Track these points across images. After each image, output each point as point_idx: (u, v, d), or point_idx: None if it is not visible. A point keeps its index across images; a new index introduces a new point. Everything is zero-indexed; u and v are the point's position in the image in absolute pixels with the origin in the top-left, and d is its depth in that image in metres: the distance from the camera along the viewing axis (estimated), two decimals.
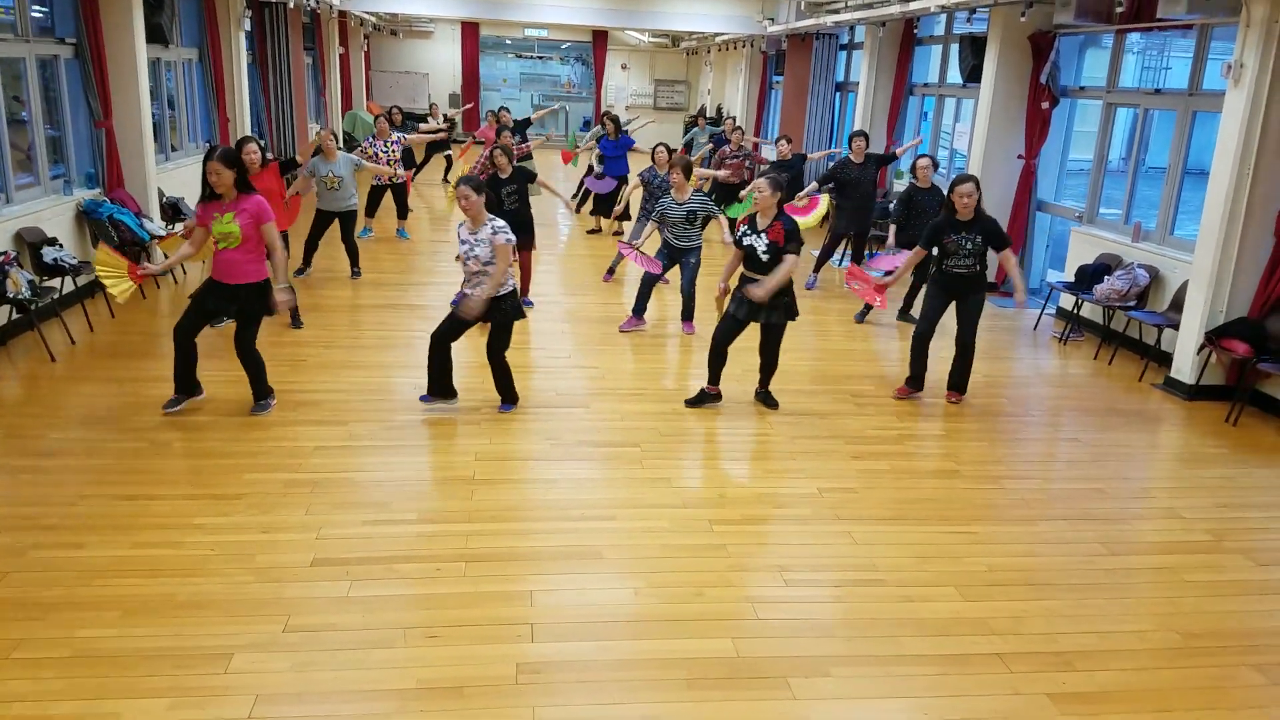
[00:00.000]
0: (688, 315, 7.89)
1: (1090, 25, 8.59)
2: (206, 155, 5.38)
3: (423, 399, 5.89)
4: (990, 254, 6.35)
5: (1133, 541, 4.63)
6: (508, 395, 5.97)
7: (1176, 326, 7.00)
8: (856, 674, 3.46)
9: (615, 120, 12.23)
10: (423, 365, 5.94)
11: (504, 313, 5.68)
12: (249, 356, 5.66)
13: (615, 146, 11.97)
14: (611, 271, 9.75)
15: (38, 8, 8.33)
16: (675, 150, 9.24)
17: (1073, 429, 6.20)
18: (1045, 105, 9.28)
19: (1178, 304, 7.18)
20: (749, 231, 5.82)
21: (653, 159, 9.25)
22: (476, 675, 3.37)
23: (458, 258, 5.73)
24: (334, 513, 4.55)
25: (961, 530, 4.62)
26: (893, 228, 8.29)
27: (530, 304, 8.50)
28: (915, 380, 6.51)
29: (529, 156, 11.60)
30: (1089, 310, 8.38)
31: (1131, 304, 7.59)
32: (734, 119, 16.12)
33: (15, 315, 6.89)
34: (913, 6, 10.40)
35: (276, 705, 3.19)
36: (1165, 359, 7.21)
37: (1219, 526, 4.80)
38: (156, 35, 9.57)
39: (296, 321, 7.60)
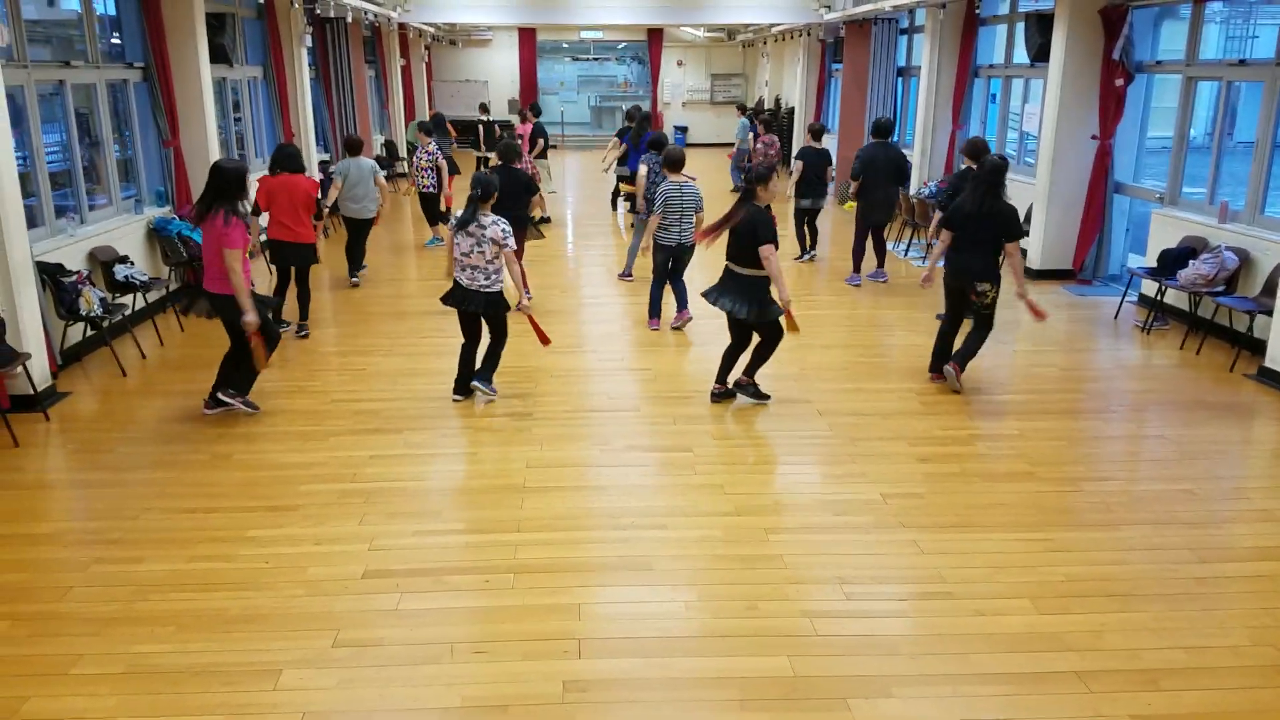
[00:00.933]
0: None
1: None
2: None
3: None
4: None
5: (1225, 547, 4.30)
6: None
7: (1270, 312, 6.55)
8: (922, 694, 3.27)
9: (633, 116, 12.00)
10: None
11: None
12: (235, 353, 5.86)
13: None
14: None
15: (116, 36, 8.59)
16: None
17: (1158, 425, 5.85)
18: (1119, 82, 8.83)
19: (1271, 288, 6.73)
20: None
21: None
22: (522, 693, 3.28)
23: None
24: (387, 523, 4.53)
25: (1036, 537, 4.36)
26: (938, 214, 7.86)
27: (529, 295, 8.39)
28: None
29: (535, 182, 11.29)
30: (1173, 297, 7.93)
31: (1220, 289, 7.15)
32: (766, 113, 15.85)
33: (89, 332, 7.10)
34: None
35: None
36: (1259, 347, 6.76)
37: None
38: (220, 56, 9.79)
39: (303, 328, 7.64)
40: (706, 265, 8.02)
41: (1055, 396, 6.28)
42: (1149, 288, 8.23)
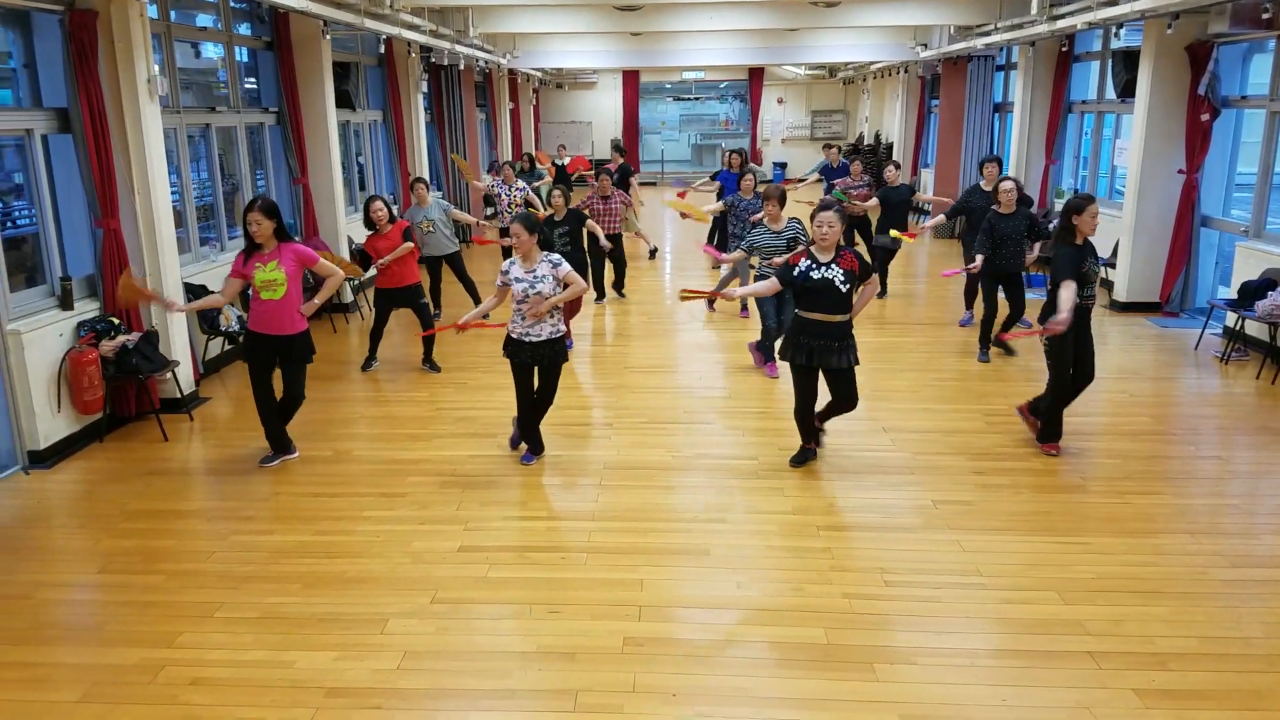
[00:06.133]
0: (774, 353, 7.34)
1: (1248, 32, 8.25)
2: (247, 206, 5.39)
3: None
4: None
5: (1256, 555, 4.48)
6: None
7: None
8: (942, 664, 3.63)
9: (741, 153, 12.31)
10: (570, 385, 6.44)
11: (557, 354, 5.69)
12: (299, 398, 5.80)
13: (736, 180, 12.12)
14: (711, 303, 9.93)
15: (252, 82, 9.69)
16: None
17: (1217, 448, 5.97)
18: (1205, 117, 8.91)
19: None
20: (814, 266, 5.23)
21: (739, 186, 9.57)
22: (588, 645, 3.80)
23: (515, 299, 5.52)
24: (480, 509, 5.13)
25: (1075, 541, 4.63)
26: (980, 258, 7.76)
27: (570, 345, 8.16)
28: (1056, 432, 5.87)
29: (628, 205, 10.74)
30: (1254, 329, 7.94)
31: None
32: (850, 146, 16.03)
33: (227, 346, 8.03)
34: (1060, 25, 10.25)
35: (420, 660, 3.74)
36: None
37: None
38: (345, 101, 10.83)
39: (433, 365, 7.87)
40: None
41: (1121, 420, 6.45)
42: (1231, 319, 8.25)
